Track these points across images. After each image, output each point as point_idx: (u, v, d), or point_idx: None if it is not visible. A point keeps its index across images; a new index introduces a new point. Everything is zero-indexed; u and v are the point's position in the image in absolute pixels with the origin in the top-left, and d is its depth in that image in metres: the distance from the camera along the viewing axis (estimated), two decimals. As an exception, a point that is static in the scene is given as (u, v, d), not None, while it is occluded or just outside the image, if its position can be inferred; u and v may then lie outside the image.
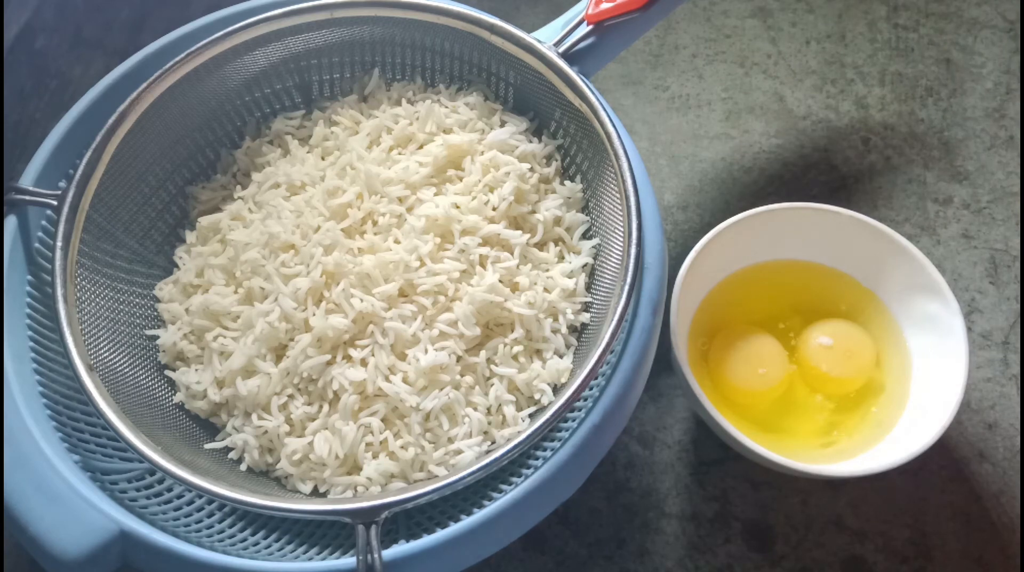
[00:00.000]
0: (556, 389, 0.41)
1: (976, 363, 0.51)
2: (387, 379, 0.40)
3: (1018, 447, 0.48)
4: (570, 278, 0.43)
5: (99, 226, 0.43)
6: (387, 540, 0.37)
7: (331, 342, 0.41)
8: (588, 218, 0.45)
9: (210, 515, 0.41)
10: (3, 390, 0.38)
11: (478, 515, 0.35)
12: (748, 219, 0.47)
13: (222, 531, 0.40)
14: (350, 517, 0.34)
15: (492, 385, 0.41)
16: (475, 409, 0.41)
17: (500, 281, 0.42)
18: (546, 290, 0.42)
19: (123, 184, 0.44)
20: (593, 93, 0.42)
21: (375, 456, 0.40)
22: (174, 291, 0.45)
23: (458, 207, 0.43)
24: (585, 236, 0.45)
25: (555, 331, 0.42)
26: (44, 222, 0.43)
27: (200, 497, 0.41)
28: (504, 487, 0.39)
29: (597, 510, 0.47)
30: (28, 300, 0.42)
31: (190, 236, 0.46)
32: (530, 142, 0.46)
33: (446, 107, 0.47)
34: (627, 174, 0.40)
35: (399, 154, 0.46)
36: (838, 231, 0.48)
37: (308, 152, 0.47)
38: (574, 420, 0.38)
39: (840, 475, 0.42)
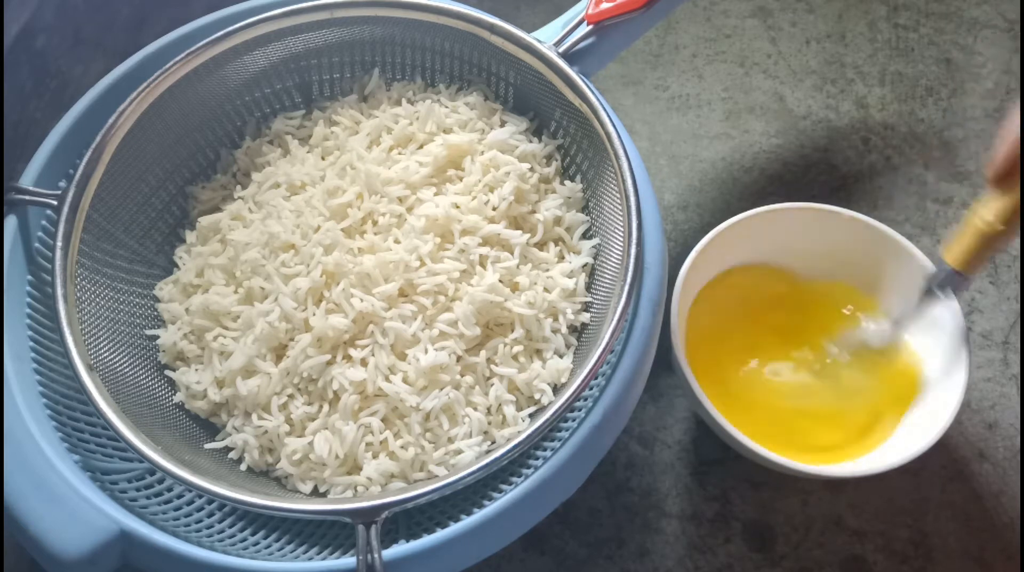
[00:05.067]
0: (556, 389, 0.41)
1: (976, 363, 0.51)
2: (387, 379, 0.40)
3: (1018, 447, 0.48)
4: (570, 278, 0.43)
5: (99, 226, 0.43)
6: (387, 540, 0.37)
7: (331, 342, 0.41)
8: (588, 218, 0.45)
9: (210, 515, 0.41)
10: (3, 390, 0.38)
11: (478, 515, 0.35)
12: (748, 219, 0.47)
13: (222, 531, 0.40)
14: (350, 517, 0.34)
15: (492, 385, 0.41)
16: (475, 409, 0.41)
17: (500, 281, 0.42)
18: (546, 290, 0.42)
19: (123, 184, 0.44)
20: (593, 93, 0.42)
21: (375, 456, 0.40)
22: (174, 291, 0.45)
23: (458, 207, 0.43)
24: (585, 236, 0.45)
25: (555, 331, 0.42)
26: (44, 222, 0.43)
27: (200, 497, 0.41)
28: (504, 487, 0.39)
29: (597, 510, 0.47)
30: (28, 300, 0.42)
31: (190, 236, 0.46)
32: (530, 142, 0.46)
33: (446, 107, 0.47)
34: (627, 174, 0.40)
35: (399, 154, 0.46)
36: (838, 231, 0.48)
37: (308, 152, 0.47)
38: (574, 420, 0.38)
39: (840, 475, 0.42)
